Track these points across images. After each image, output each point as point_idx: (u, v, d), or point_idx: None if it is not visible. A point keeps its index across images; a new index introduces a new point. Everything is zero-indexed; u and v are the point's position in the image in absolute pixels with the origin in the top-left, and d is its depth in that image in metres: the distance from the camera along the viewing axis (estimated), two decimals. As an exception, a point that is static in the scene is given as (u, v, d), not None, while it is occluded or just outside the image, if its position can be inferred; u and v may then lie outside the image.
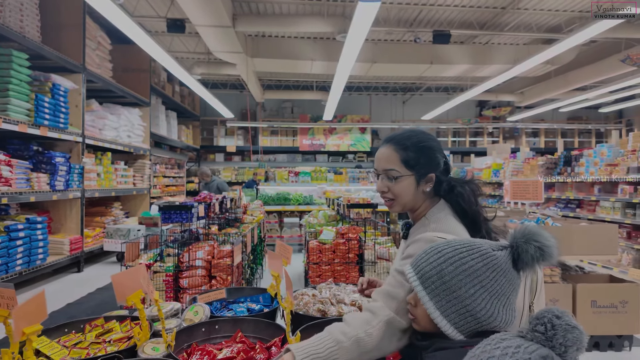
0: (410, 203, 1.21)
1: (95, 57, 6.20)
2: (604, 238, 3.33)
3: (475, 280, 0.82)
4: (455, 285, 0.82)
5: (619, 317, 3.25)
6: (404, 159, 1.18)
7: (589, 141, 13.95)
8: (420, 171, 1.18)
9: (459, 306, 0.82)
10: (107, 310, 4.00)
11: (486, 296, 0.82)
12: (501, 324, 0.83)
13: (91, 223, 6.52)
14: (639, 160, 5.30)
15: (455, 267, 0.83)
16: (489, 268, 0.83)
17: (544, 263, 0.83)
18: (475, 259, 0.84)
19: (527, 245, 0.83)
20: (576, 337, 0.63)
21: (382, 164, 1.21)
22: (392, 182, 1.19)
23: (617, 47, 8.28)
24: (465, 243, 0.88)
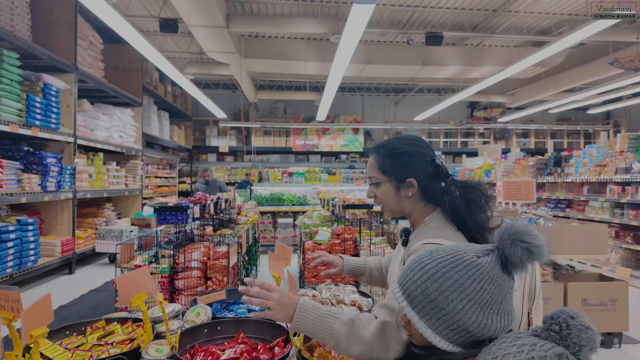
0: (397, 208, 1.23)
1: (87, 56, 6.14)
2: (594, 237, 3.41)
3: (462, 295, 0.78)
4: (443, 303, 0.79)
5: (608, 315, 3.32)
6: (380, 166, 1.22)
7: (577, 142, 14.19)
8: (397, 177, 1.19)
9: (450, 322, 0.79)
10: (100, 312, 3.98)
11: (476, 308, 0.78)
12: (497, 331, 0.80)
13: (83, 224, 6.45)
14: (626, 161, 5.41)
15: (440, 283, 0.80)
16: (475, 279, 0.79)
17: (534, 262, 0.81)
18: (459, 272, 0.80)
19: (513, 247, 0.79)
20: (590, 337, 0.65)
21: (368, 172, 1.27)
22: (375, 187, 1.24)
23: (605, 49, 8.45)
24: (448, 254, 0.83)
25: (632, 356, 3.20)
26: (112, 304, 3.62)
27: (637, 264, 5.43)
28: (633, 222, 5.24)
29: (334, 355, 1.32)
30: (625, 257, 5.48)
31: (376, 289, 3.43)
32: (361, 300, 1.79)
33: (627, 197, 5.28)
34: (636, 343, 3.41)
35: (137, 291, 1.30)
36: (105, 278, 5.39)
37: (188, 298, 2.82)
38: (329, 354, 1.33)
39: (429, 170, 1.19)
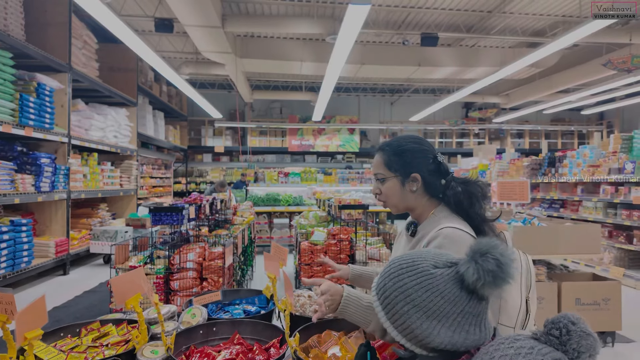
0: (402, 203, 1.29)
1: (82, 56, 6.10)
2: (587, 237, 3.44)
3: (407, 299, 0.80)
4: (393, 301, 0.82)
5: (601, 314, 3.35)
6: (386, 163, 1.29)
7: (571, 142, 14.31)
8: (402, 172, 1.26)
9: (399, 321, 0.81)
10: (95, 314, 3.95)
11: (420, 315, 0.79)
12: (450, 345, 0.78)
13: (77, 225, 6.41)
14: (619, 162, 5.47)
15: (393, 283, 0.83)
16: (421, 288, 0.80)
17: (492, 289, 0.77)
18: (410, 277, 0.82)
19: (468, 266, 0.78)
20: (590, 344, 0.64)
21: (374, 169, 1.33)
22: (381, 183, 1.30)
23: (599, 51, 8.53)
24: (411, 258, 0.85)
25: (625, 355, 3.23)
26: (106, 305, 3.60)
27: (630, 264, 5.48)
28: (626, 222, 5.29)
29: (329, 355, 1.32)
30: (618, 256, 5.53)
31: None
32: (357, 300, 1.79)
33: (620, 197, 5.33)
34: (629, 342, 3.44)
35: (133, 292, 1.30)
36: (100, 279, 5.36)
37: (183, 299, 2.81)
38: (324, 354, 1.34)
39: (431, 166, 1.27)
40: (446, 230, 1.15)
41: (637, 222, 5.12)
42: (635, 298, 4.68)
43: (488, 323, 0.83)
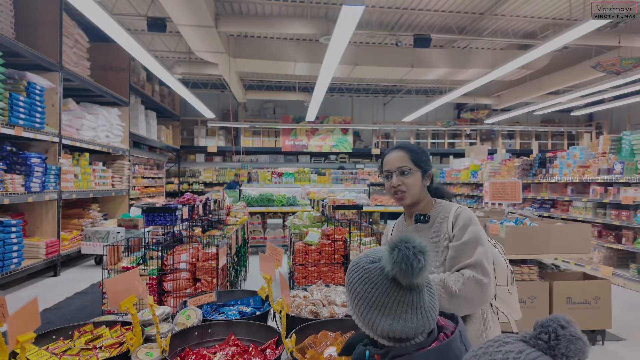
0: (417, 195, 1.50)
1: (73, 55, 6.03)
2: (578, 237, 3.49)
3: (355, 292, 0.90)
4: (350, 294, 0.92)
5: (592, 313, 3.40)
6: (412, 159, 1.49)
7: (561, 143, 14.48)
8: (424, 168, 1.50)
9: (358, 312, 0.90)
10: (86, 315, 3.92)
11: (366, 306, 0.88)
12: (392, 332, 0.85)
13: (68, 225, 6.33)
14: (608, 163, 5.55)
15: (348, 279, 0.94)
16: (362, 281, 0.90)
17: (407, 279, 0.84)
18: (356, 272, 0.92)
19: (386, 260, 0.87)
20: (579, 348, 0.64)
21: (396, 164, 1.49)
22: (404, 176, 1.47)
23: (588, 53, 8.65)
24: (358, 258, 0.95)
25: (615, 353, 3.28)
26: (98, 306, 3.56)
27: (619, 263, 5.57)
28: (615, 221, 5.37)
29: (325, 356, 1.32)
30: (607, 256, 5.61)
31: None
32: (352, 301, 1.80)
33: (609, 197, 5.41)
34: (619, 340, 3.49)
35: (127, 294, 1.29)
36: (91, 280, 5.30)
37: (177, 300, 2.79)
38: (320, 355, 1.34)
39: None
40: (462, 208, 1.46)
41: (625, 222, 5.20)
42: (624, 296, 4.76)
43: (426, 311, 0.88)
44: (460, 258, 1.35)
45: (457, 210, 1.45)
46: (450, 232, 1.42)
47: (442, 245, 1.41)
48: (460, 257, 1.35)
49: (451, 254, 1.37)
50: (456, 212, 1.44)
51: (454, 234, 1.40)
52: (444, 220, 1.45)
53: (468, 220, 1.40)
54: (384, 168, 1.53)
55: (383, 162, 1.55)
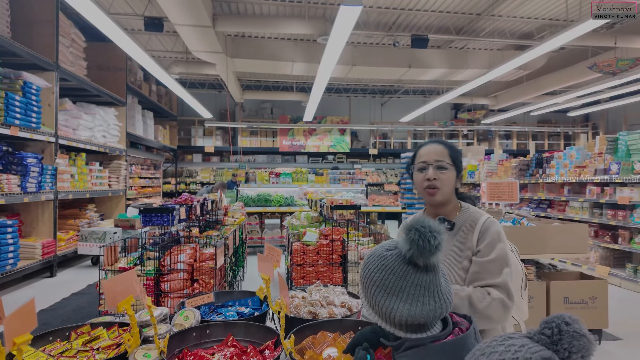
0: (448, 194, 1.43)
1: (69, 54, 6.00)
2: (575, 237, 3.50)
3: (372, 281, 0.92)
4: (365, 286, 0.94)
5: (589, 312, 3.41)
6: (451, 155, 1.44)
7: (558, 143, 14.55)
8: (459, 169, 1.45)
9: (373, 302, 0.92)
10: (83, 316, 3.89)
11: (383, 293, 0.90)
12: (410, 317, 0.86)
13: (64, 226, 6.30)
14: (605, 163, 5.57)
15: (363, 270, 0.95)
16: (378, 269, 0.91)
17: (423, 256, 0.86)
18: (372, 262, 0.93)
19: (402, 242, 0.89)
20: (582, 344, 0.64)
21: (434, 157, 1.42)
22: (441, 171, 1.40)
23: (584, 54, 8.69)
24: (373, 250, 0.97)
25: (612, 353, 3.29)
26: (95, 307, 3.54)
27: (615, 263, 5.59)
28: (611, 221, 5.40)
29: (324, 357, 1.32)
30: (604, 255, 5.64)
31: (364, 290, 3.44)
32: (351, 301, 1.80)
33: (606, 197, 5.44)
34: (616, 340, 3.51)
35: (124, 295, 1.28)
36: (88, 281, 5.28)
37: (174, 300, 2.78)
38: (319, 356, 1.33)
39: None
40: (491, 220, 1.39)
41: (622, 222, 5.23)
42: (620, 296, 4.79)
43: (442, 294, 0.89)
44: (484, 275, 1.30)
45: (486, 222, 1.38)
46: (475, 246, 1.36)
47: (464, 258, 1.36)
48: (484, 275, 1.30)
49: (475, 269, 1.32)
50: (484, 225, 1.37)
51: (480, 249, 1.34)
52: (470, 230, 1.39)
53: (496, 235, 1.34)
54: (420, 160, 1.44)
55: (417, 153, 1.47)
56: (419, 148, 1.49)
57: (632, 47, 7.37)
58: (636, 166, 4.97)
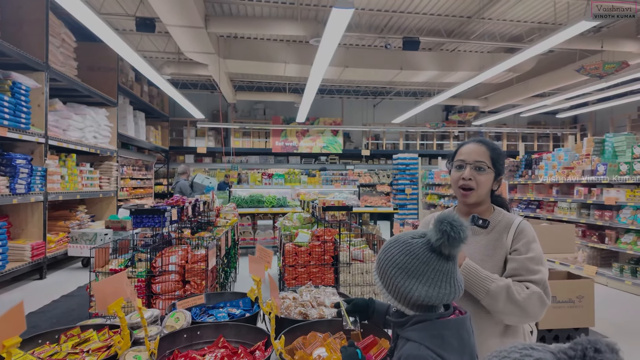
0: (483, 196, 1.42)
1: (59, 54, 5.95)
2: (563, 237, 3.56)
3: (394, 264, 0.99)
4: (384, 268, 1.01)
5: (575, 312, 3.47)
6: (492, 156, 1.41)
7: (547, 145, 14.75)
8: (498, 171, 1.42)
9: (390, 284, 1.00)
10: (73, 318, 3.86)
11: (404, 275, 0.98)
12: (426, 298, 0.96)
13: (54, 227, 6.23)
14: (592, 164, 5.67)
15: (385, 254, 1.02)
16: (402, 253, 0.99)
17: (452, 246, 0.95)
18: (396, 247, 1.01)
19: (433, 232, 0.97)
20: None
21: (473, 156, 1.40)
22: (478, 172, 1.39)
23: (572, 57, 8.83)
24: (396, 237, 1.06)
25: (597, 350, 3.35)
26: (85, 309, 3.52)
27: (602, 262, 5.69)
28: (598, 221, 5.49)
29: (314, 357, 1.34)
30: (591, 255, 5.73)
31: (355, 290, 3.47)
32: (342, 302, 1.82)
33: (593, 198, 5.54)
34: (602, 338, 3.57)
35: (115, 297, 1.28)
36: (78, 283, 5.23)
37: (165, 302, 2.78)
38: (309, 356, 1.35)
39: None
40: (525, 222, 1.41)
41: (608, 222, 5.32)
42: (607, 295, 4.87)
43: (457, 281, 0.99)
44: (522, 272, 1.32)
45: (521, 224, 1.39)
46: (510, 245, 1.37)
47: (497, 255, 1.36)
48: (523, 271, 1.32)
49: (514, 266, 1.33)
50: (520, 226, 1.39)
51: (516, 248, 1.36)
52: (504, 230, 1.39)
53: (532, 237, 1.37)
54: (458, 157, 1.44)
55: (458, 151, 1.46)
56: (460, 146, 1.48)
57: (618, 51, 7.51)
58: (622, 167, 5.06)
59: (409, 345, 0.96)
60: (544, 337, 3.47)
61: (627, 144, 5.38)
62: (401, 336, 1.01)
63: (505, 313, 1.28)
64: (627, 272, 5.10)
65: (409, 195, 10.00)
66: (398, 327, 1.03)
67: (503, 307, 1.26)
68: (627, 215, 5.10)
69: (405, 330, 0.99)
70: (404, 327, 1.00)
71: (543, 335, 3.46)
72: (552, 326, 3.46)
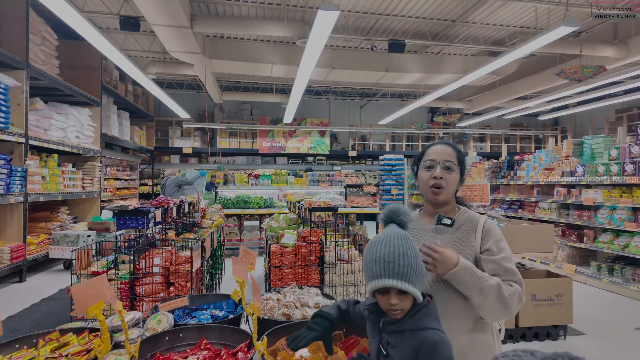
0: (450, 195, 1.47)
1: (40, 53, 5.83)
2: (542, 237, 3.65)
3: (407, 255, 1.09)
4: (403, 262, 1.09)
5: (555, 309, 3.57)
6: (458, 157, 1.48)
7: (529, 146, 15.06)
8: (462, 172, 1.49)
9: (414, 272, 1.09)
10: (54, 322, 3.79)
11: (417, 257, 1.12)
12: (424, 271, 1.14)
13: (35, 229, 6.10)
14: (571, 165, 5.82)
15: (399, 253, 1.10)
16: (411, 241, 1.14)
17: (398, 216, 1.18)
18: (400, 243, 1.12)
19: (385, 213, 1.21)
20: None
21: (443, 156, 1.46)
22: (448, 172, 1.44)
23: (553, 61, 9.05)
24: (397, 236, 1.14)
25: (577, 347, 3.45)
26: (66, 313, 3.46)
27: (581, 261, 5.85)
28: (577, 221, 5.64)
29: (297, 358, 1.35)
30: (570, 254, 5.88)
31: (341, 290, 3.49)
32: (324, 302, 1.84)
33: (572, 198, 5.68)
34: (580, 335, 3.68)
35: (95, 300, 1.27)
36: (60, 285, 5.13)
37: (149, 304, 2.76)
38: (292, 357, 1.36)
39: None
40: (490, 221, 1.47)
41: (587, 221, 5.47)
42: (585, 293, 5.01)
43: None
44: (501, 272, 1.36)
45: (487, 223, 1.45)
46: (479, 244, 1.41)
47: (465, 253, 1.39)
48: (502, 272, 1.36)
49: (493, 267, 1.37)
50: (486, 226, 1.44)
51: (488, 247, 1.40)
52: (471, 229, 1.44)
53: (500, 235, 1.42)
54: (428, 157, 1.47)
55: (426, 152, 1.50)
56: (427, 147, 1.52)
57: (596, 55, 7.73)
58: (600, 169, 5.21)
59: (427, 333, 1.06)
60: (525, 335, 3.55)
61: (604, 146, 5.54)
62: (401, 330, 1.09)
63: (491, 310, 1.32)
64: (604, 270, 5.25)
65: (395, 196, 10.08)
66: (394, 324, 1.10)
67: (491, 304, 1.30)
68: (604, 215, 5.25)
69: (405, 324, 1.09)
70: (402, 321, 1.09)
71: (524, 332, 3.55)
72: (532, 323, 3.54)
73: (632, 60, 7.67)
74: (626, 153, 4.97)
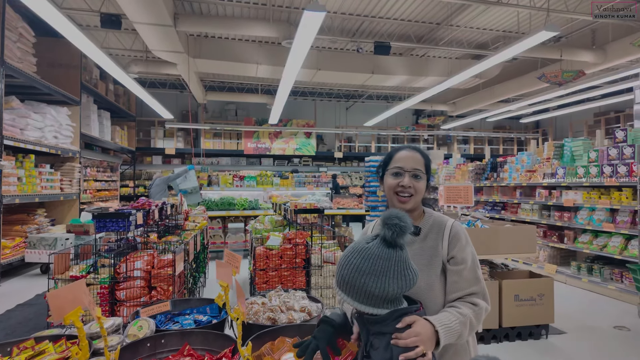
0: (419, 202, 1.45)
1: (17, 50, 5.64)
2: (525, 238, 3.71)
3: (360, 272, 1.05)
4: (352, 281, 1.06)
5: (536, 309, 3.63)
6: (426, 165, 1.45)
7: (511, 148, 15.37)
8: (428, 178, 1.47)
9: (362, 293, 1.05)
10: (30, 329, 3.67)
11: (373, 278, 1.04)
12: (400, 289, 1.06)
13: (10, 232, 5.89)
14: (552, 167, 5.95)
15: (346, 268, 1.07)
16: (365, 258, 1.06)
17: (404, 235, 1.07)
18: (355, 257, 1.07)
19: (385, 229, 1.07)
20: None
21: (411, 164, 1.42)
22: (416, 180, 1.41)
23: (534, 65, 9.26)
24: (350, 248, 1.11)
25: (557, 346, 3.52)
26: (43, 319, 3.34)
27: (562, 261, 5.98)
28: (558, 222, 5.77)
29: (282, 362, 1.32)
30: (551, 254, 6.01)
31: (327, 293, 3.47)
32: (311, 305, 1.81)
33: (553, 200, 5.81)
34: (561, 333, 3.75)
35: (72, 306, 1.22)
36: (36, 290, 4.96)
37: (130, 309, 2.68)
38: (277, 361, 1.33)
39: None
40: (456, 224, 1.43)
41: (567, 222, 5.60)
42: (566, 292, 5.11)
43: (413, 266, 1.10)
44: (464, 285, 1.33)
45: (453, 226, 1.40)
46: (446, 252, 1.37)
47: (434, 262, 1.35)
48: (464, 284, 1.33)
49: (455, 279, 1.33)
50: (453, 230, 1.40)
51: (453, 255, 1.36)
52: (439, 236, 1.40)
53: (465, 240, 1.38)
54: (395, 164, 1.41)
55: (393, 158, 1.44)
56: (394, 152, 1.46)
57: (575, 60, 7.93)
58: (579, 171, 5.34)
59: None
60: (508, 335, 3.60)
61: (584, 148, 5.68)
62: (383, 332, 1.07)
63: (466, 335, 1.29)
64: (583, 270, 5.37)
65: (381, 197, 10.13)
66: (377, 324, 1.09)
67: (465, 332, 1.27)
68: (583, 216, 5.38)
69: (388, 325, 1.07)
70: (385, 322, 1.07)
71: (507, 332, 3.59)
72: (515, 324, 3.59)
73: (609, 65, 7.91)
74: (604, 155, 5.10)
